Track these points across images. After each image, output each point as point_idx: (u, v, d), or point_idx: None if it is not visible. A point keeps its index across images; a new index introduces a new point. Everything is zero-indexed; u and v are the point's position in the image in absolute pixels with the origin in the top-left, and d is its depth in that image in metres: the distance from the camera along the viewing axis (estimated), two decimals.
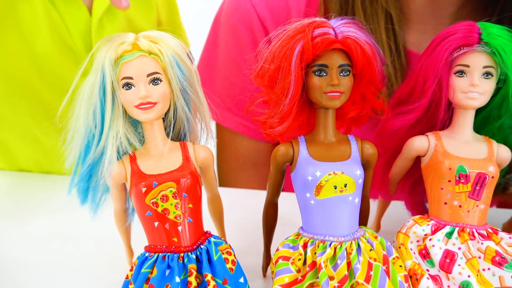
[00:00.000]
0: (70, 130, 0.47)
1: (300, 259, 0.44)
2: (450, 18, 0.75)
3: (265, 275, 0.54)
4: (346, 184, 0.45)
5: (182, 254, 0.43)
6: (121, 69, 0.44)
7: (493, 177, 0.47)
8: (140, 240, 0.49)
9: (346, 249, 0.44)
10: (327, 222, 0.45)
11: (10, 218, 0.68)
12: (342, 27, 0.45)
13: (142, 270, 0.42)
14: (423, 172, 0.51)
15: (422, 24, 0.76)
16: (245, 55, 0.78)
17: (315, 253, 0.44)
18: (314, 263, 0.43)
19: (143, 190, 0.43)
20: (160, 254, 0.43)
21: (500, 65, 0.47)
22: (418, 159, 0.53)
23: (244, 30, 0.80)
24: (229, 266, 0.43)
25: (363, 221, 0.54)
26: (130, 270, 0.44)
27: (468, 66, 0.47)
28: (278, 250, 0.46)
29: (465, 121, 0.50)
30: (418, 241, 0.48)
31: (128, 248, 0.54)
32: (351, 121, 0.53)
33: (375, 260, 0.43)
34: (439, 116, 0.51)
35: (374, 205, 0.59)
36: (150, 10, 0.86)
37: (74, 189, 0.50)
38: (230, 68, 0.84)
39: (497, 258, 0.44)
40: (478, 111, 0.52)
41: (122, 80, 0.44)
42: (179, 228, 0.44)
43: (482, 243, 0.45)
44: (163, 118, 0.47)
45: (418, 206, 0.60)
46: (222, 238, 0.46)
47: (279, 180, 0.50)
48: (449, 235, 0.46)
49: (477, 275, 0.43)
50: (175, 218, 0.44)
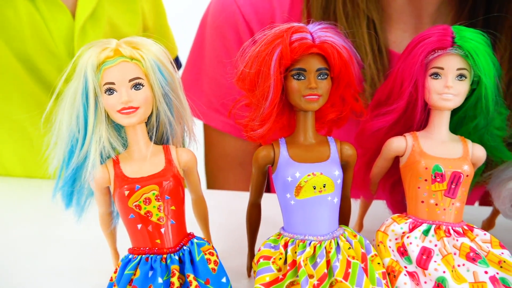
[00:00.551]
0: (53, 135, 0.48)
1: (281, 259, 0.45)
2: (431, 17, 0.77)
3: (249, 275, 0.55)
4: (325, 184, 0.46)
5: (165, 256, 0.44)
6: (103, 74, 0.45)
7: (467, 175, 0.48)
8: (127, 243, 0.50)
9: (325, 247, 0.45)
10: (307, 221, 0.46)
11: None
12: (319, 32, 0.47)
13: (125, 272, 0.43)
14: (401, 171, 0.52)
15: (403, 23, 0.77)
16: (231, 56, 0.79)
17: (296, 252, 0.45)
18: (294, 262, 0.44)
19: (126, 193, 0.44)
20: (143, 256, 0.44)
21: (473, 67, 0.48)
22: (397, 159, 0.55)
23: (229, 31, 0.81)
24: (211, 266, 0.44)
25: (345, 220, 0.55)
26: (114, 272, 0.45)
27: (442, 69, 0.49)
28: (260, 250, 0.47)
29: (441, 121, 0.51)
30: (396, 239, 0.49)
31: (114, 251, 0.55)
32: (331, 123, 0.54)
33: (354, 258, 0.44)
34: (416, 117, 0.52)
35: (356, 205, 0.61)
36: (135, 16, 0.87)
37: (58, 193, 0.51)
38: (216, 68, 0.85)
39: (471, 254, 0.45)
40: (454, 112, 0.53)
41: (104, 85, 0.45)
42: (162, 230, 0.45)
43: (457, 240, 0.47)
44: (146, 122, 0.48)
45: (399, 205, 0.61)
46: (206, 240, 0.47)
47: (261, 181, 0.51)
48: (426, 233, 0.48)
49: (452, 271, 0.45)
50: (158, 220, 0.45)
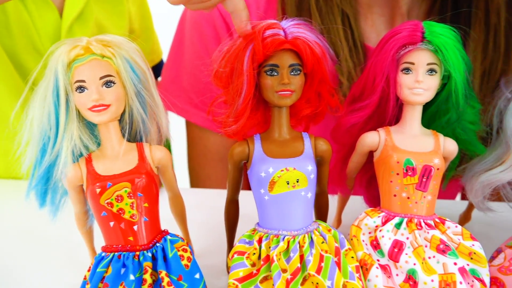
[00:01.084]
0: (25, 134, 0.47)
1: (254, 254, 0.45)
2: (405, 11, 0.77)
3: (229, 272, 0.55)
4: (298, 179, 0.46)
5: (138, 253, 0.44)
6: (74, 72, 0.45)
7: (438, 169, 0.49)
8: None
9: (299, 242, 0.45)
10: (281, 216, 0.47)
11: None
12: (292, 28, 0.47)
13: (98, 270, 0.43)
14: (375, 166, 0.53)
15: (378, 17, 0.78)
16: (209, 51, 0.79)
17: (270, 247, 0.45)
18: (268, 257, 0.45)
19: (97, 190, 0.44)
20: (116, 253, 0.44)
21: (442, 62, 0.49)
22: (372, 154, 0.55)
23: (207, 26, 0.82)
24: (184, 262, 0.44)
25: (323, 216, 0.56)
26: (88, 270, 0.45)
27: (413, 64, 0.50)
28: (235, 245, 0.47)
29: (413, 116, 0.52)
30: (370, 232, 0.50)
31: (91, 250, 0.54)
32: (308, 119, 0.54)
33: (326, 252, 0.45)
34: (389, 112, 0.53)
35: (334, 200, 0.61)
36: (122, 17, 0.88)
37: (32, 192, 0.50)
38: (195, 64, 0.85)
39: (441, 246, 0.46)
40: (427, 106, 0.54)
41: (75, 83, 0.45)
42: (135, 227, 0.45)
43: (428, 232, 0.47)
44: (120, 120, 0.48)
45: (376, 200, 0.62)
46: (184, 237, 0.47)
47: (237, 178, 0.51)
48: (398, 226, 0.48)
49: (422, 263, 0.45)
50: (131, 217, 0.44)
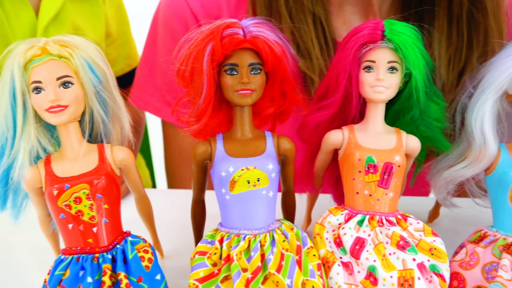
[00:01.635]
0: None
1: (216, 254, 0.45)
2: (376, 8, 0.78)
3: None
4: (259, 178, 0.46)
5: (97, 255, 0.44)
6: (30, 73, 0.44)
7: (399, 166, 0.49)
8: None
9: (260, 241, 0.45)
10: (243, 216, 0.47)
11: None
12: (251, 27, 0.47)
13: (56, 273, 0.42)
14: (339, 164, 0.53)
15: (349, 14, 0.78)
16: (181, 50, 0.79)
17: (231, 246, 0.45)
18: (228, 257, 0.44)
19: (55, 193, 0.43)
20: (74, 256, 0.43)
21: (403, 60, 0.50)
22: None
23: (178, 24, 0.82)
24: (145, 264, 0.44)
25: (290, 214, 0.56)
26: (48, 273, 0.44)
27: (374, 62, 0.50)
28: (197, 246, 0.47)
29: (376, 114, 0.52)
30: (333, 230, 0.50)
31: (57, 252, 0.54)
32: (273, 117, 0.54)
33: (287, 250, 0.45)
34: (352, 110, 0.53)
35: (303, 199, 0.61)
36: (98, 21, 0.88)
37: None
38: (168, 63, 0.85)
39: (401, 243, 0.46)
40: (391, 104, 0.55)
41: (32, 84, 0.44)
42: (94, 229, 0.44)
43: (389, 229, 0.48)
44: (80, 121, 0.48)
45: (344, 198, 0.62)
46: (142, 238, 0.47)
47: (202, 178, 0.51)
48: (360, 223, 0.49)
49: (382, 260, 0.46)
50: (90, 219, 0.44)
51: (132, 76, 0.93)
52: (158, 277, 0.44)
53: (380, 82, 0.50)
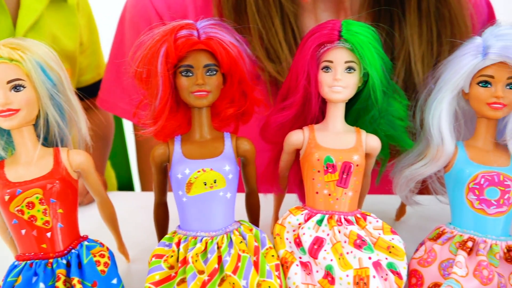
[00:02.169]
0: None
1: (172, 256, 0.45)
2: (348, 3, 0.78)
3: None
4: (215, 180, 0.46)
5: (51, 260, 0.43)
6: None
7: (357, 165, 0.50)
8: None
9: (217, 243, 0.45)
10: (200, 218, 0.46)
11: None
12: (207, 28, 0.47)
13: (8, 279, 0.42)
14: (301, 164, 0.53)
15: (320, 13, 0.79)
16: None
17: (188, 249, 0.45)
18: (185, 259, 0.44)
19: (6, 198, 0.43)
20: (28, 261, 0.43)
21: (360, 60, 0.50)
22: None
23: (144, 25, 0.81)
24: (100, 268, 0.44)
25: (254, 215, 0.56)
26: (2, 280, 0.44)
27: (331, 62, 0.50)
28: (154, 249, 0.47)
29: (335, 114, 0.52)
30: (294, 230, 0.50)
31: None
32: (235, 118, 0.54)
33: (244, 251, 0.45)
34: (312, 110, 0.53)
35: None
36: (74, 30, 0.89)
37: None
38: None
39: (358, 241, 0.47)
40: (352, 104, 0.55)
41: None
42: (48, 234, 0.44)
43: (347, 228, 0.48)
44: (35, 125, 0.47)
45: None
46: (99, 242, 0.47)
47: (162, 180, 0.51)
48: (319, 223, 0.49)
49: (339, 258, 0.46)
50: (43, 224, 0.44)
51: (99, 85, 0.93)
52: (115, 281, 0.44)
53: (337, 82, 0.50)
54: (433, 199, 0.61)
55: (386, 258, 0.47)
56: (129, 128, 1.17)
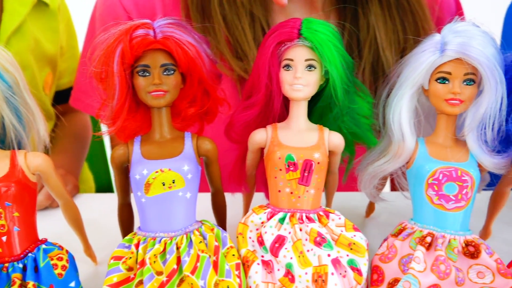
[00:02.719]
0: None
1: (131, 258, 0.45)
2: (319, 2, 0.78)
3: None
4: (174, 180, 0.46)
5: (6, 265, 0.43)
6: None
7: (318, 163, 0.50)
8: None
9: (176, 243, 0.45)
10: (159, 218, 0.46)
11: None
12: (164, 28, 0.47)
13: None
14: (264, 163, 0.53)
15: (292, 12, 0.79)
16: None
17: (147, 250, 0.45)
18: (143, 261, 0.44)
19: None
20: None
21: (320, 58, 0.50)
22: None
23: (112, 23, 0.80)
24: (57, 271, 0.43)
25: (220, 214, 0.56)
26: None
27: (292, 60, 0.50)
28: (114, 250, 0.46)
29: (298, 112, 0.52)
30: (257, 229, 0.50)
31: None
32: (198, 118, 0.54)
33: (203, 251, 0.45)
34: (275, 108, 0.53)
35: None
36: (55, 34, 0.90)
37: None
38: None
39: (317, 239, 0.47)
40: (315, 102, 0.55)
41: None
42: (4, 238, 0.43)
43: (308, 226, 0.48)
44: None
45: None
46: (58, 245, 0.46)
47: (123, 181, 0.51)
48: (281, 221, 0.49)
49: (299, 256, 0.46)
50: None
51: None
52: (73, 284, 0.43)
53: (297, 80, 0.50)
54: (401, 195, 0.62)
55: (347, 255, 0.47)
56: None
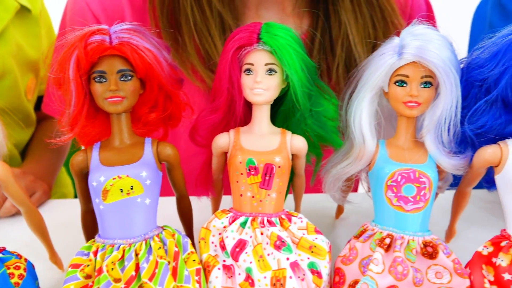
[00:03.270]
0: None
1: (89, 265, 0.44)
2: (288, 8, 0.79)
3: None
4: (132, 186, 0.46)
5: None
6: None
7: (279, 166, 0.50)
8: None
9: (135, 250, 0.45)
10: (118, 225, 0.46)
11: None
12: (120, 33, 0.46)
13: None
14: (227, 167, 0.53)
15: (265, 18, 0.79)
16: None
17: (105, 257, 0.44)
18: (101, 268, 0.44)
19: None
20: None
21: (280, 62, 0.50)
22: None
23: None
24: (14, 281, 0.43)
25: (186, 219, 0.56)
26: None
27: (252, 64, 0.50)
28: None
29: (260, 116, 0.53)
30: (220, 234, 0.50)
31: None
32: (161, 123, 0.54)
33: (161, 257, 0.44)
34: (237, 112, 0.53)
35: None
36: (37, 39, 0.90)
37: None
38: None
39: (277, 243, 0.47)
40: (280, 105, 0.55)
41: None
42: None
43: (268, 230, 0.48)
44: None
45: None
46: (16, 254, 0.46)
47: (84, 188, 0.50)
48: (243, 225, 0.49)
49: (258, 260, 0.46)
50: None
51: None
52: None
53: (258, 85, 0.50)
54: (362, 196, 0.62)
55: (308, 258, 0.48)
56: None
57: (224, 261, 0.48)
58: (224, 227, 0.50)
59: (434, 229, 0.66)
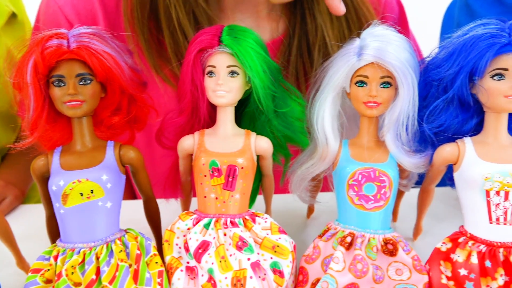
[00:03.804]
0: None
1: (49, 270, 0.44)
2: (263, 12, 0.79)
3: None
4: (92, 190, 0.46)
5: None
6: None
7: (242, 168, 0.50)
8: None
9: (96, 253, 0.45)
10: (79, 229, 0.46)
11: None
12: (78, 37, 0.46)
13: None
14: (193, 169, 0.53)
15: (240, 20, 0.79)
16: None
17: (65, 261, 0.44)
18: (60, 273, 0.44)
19: None
20: None
21: (241, 64, 0.50)
22: None
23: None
24: None
25: (154, 221, 0.56)
26: None
27: (214, 67, 0.51)
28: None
29: (224, 117, 0.53)
30: (184, 235, 0.50)
31: None
32: (127, 126, 0.54)
33: (122, 260, 0.44)
34: (201, 114, 0.54)
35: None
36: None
37: None
38: None
39: (239, 243, 0.47)
40: (244, 107, 0.56)
41: None
42: None
43: (231, 231, 0.48)
44: None
45: None
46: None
47: (47, 192, 0.50)
48: (207, 226, 0.49)
49: (220, 261, 0.46)
50: None
51: None
52: None
53: (220, 87, 0.50)
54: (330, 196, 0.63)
55: (271, 258, 0.48)
56: None
57: (188, 262, 0.48)
58: (188, 229, 0.50)
59: (402, 226, 0.67)
